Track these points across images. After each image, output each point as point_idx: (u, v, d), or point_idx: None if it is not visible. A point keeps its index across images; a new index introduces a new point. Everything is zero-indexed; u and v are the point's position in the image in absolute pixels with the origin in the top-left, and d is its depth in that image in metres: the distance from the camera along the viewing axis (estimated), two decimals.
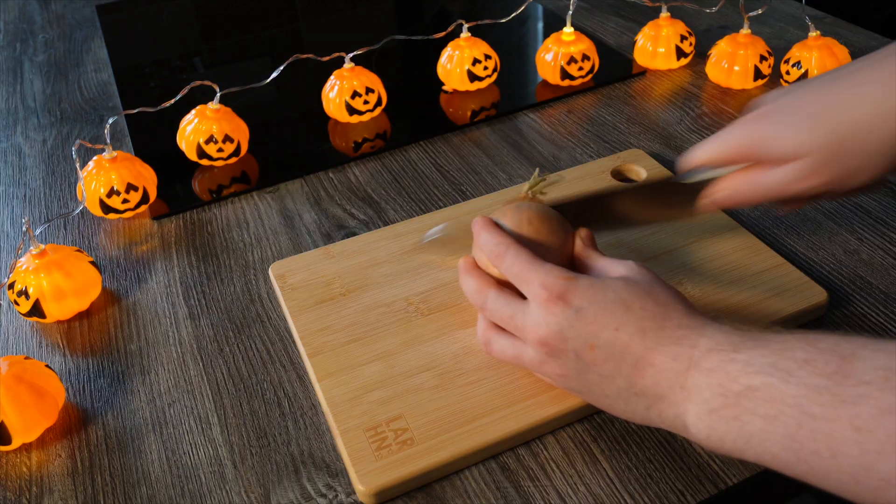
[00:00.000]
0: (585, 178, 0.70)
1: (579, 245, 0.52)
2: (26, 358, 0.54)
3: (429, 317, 0.58)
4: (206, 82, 0.77)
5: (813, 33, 0.81)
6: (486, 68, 0.87)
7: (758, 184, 0.51)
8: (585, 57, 0.86)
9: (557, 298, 0.46)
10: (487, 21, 0.88)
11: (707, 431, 0.41)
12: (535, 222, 0.51)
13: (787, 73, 0.83)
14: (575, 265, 0.52)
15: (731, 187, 0.53)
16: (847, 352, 0.38)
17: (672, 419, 0.43)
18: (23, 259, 0.62)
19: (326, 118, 0.86)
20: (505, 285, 0.50)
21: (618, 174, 0.71)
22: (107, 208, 0.71)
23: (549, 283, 0.46)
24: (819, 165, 0.48)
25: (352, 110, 0.83)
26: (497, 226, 0.52)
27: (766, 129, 0.50)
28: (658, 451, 0.50)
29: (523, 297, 0.48)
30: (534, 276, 0.47)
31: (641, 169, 0.71)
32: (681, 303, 0.46)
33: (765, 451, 0.39)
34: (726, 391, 0.41)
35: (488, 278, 0.51)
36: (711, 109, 0.83)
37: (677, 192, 0.56)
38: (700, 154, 0.54)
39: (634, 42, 0.91)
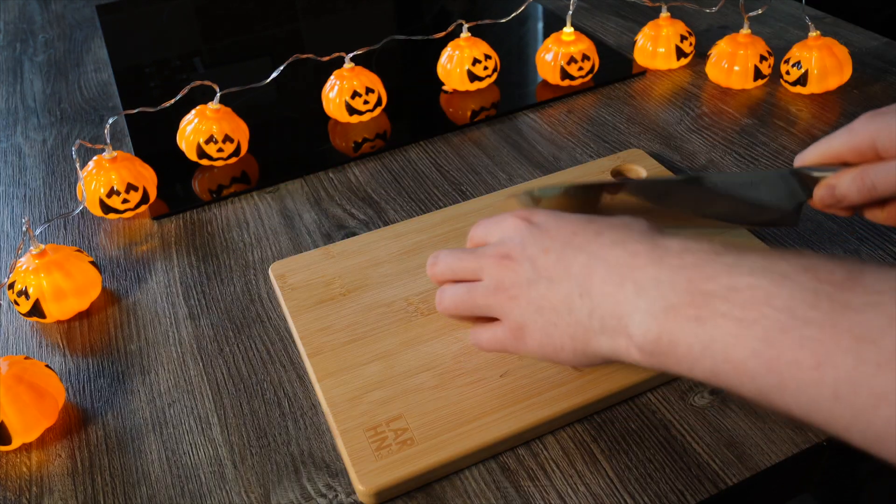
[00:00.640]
0: (585, 177, 0.70)
1: None
2: (26, 358, 0.54)
3: (429, 317, 0.58)
4: (206, 82, 0.77)
5: (813, 33, 0.81)
6: (486, 68, 0.87)
7: (885, 174, 0.47)
8: (585, 57, 0.86)
9: (522, 218, 0.47)
10: (487, 21, 0.88)
11: (657, 332, 0.38)
12: None
13: (787, 73, 0.83)
14: None
15: (858, 177, 0.48)
16: (855, 267, 0.35)
17: (614, 325, 0.40)
18: (23, 259, 0.62)
19: (326, 118, 0.86)
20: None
21: (618, 174, 0.71)
22: (107, 208, 0.71)
23: (517, 212, 0.48)
24: None
25: (352, 110, 0.83)
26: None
27: (891, 117, 0.47)
28: (658, 451, 0.50)
29: None
30: (503, 215, 0.49)
31: (641, 169, 0.71)
32: (650, 223, 0.44)
33: (726, 359, 0.36)
34: (694, 289, 0.37)
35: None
36: (711, 109, 0.83)
37: (771, 186, 0.52)
38: (818, 150, 0.50)
39: (634, 42, 0.91)
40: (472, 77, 0.87)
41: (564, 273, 0.43)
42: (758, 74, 0.83)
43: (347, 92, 0.82)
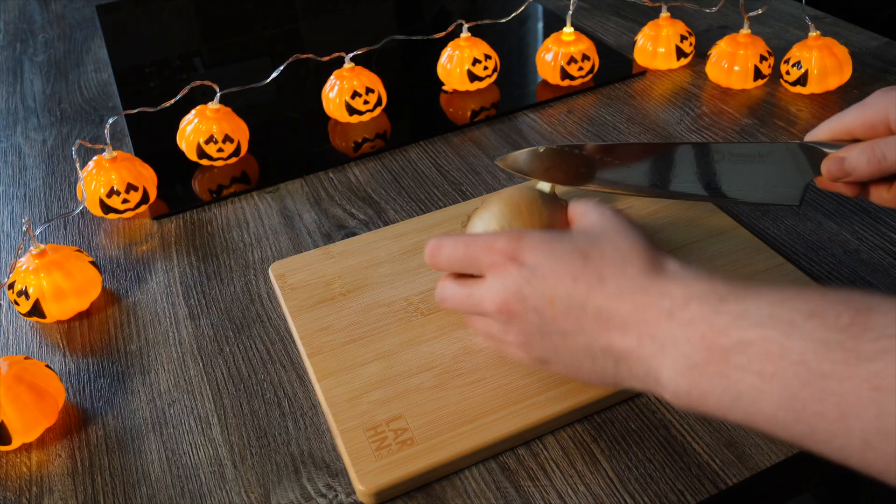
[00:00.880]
0: None
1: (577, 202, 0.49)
2: (26, 358, 0.54)
3: (429, 317, 0.58)
4: (206, 82, 0.77)
5: (813, 33, 0.81)
6: (486, 68, 0.87)
7: (895, 146, 0.46)
8: (585, 57, 0.86)
9: (511, 259, 0.44)
10: (487, 21, 0.88)
11: (687, 388, 0.38)
12: (507, 215, 0.50)
13: (787, 73, 0.83)
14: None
15: (868, 149, 0.47)
16: (862, 305, 0.34)
17: (643, 375, 0.40)
18: (23, 259, 0.62)
19: (326, 118, 0.86)
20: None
21: None
22: (107, 208, 0.71)
23: (497, 248, 0.44)
24: None
25: (352, 110, 0.83)
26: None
27: None
28: (658, 451, 0.50)
29: None
30: (479, 248, 0.45)
31: None
32: (647, 247, 0.42)
33: (757, 412, 0.36)
34: (711, 344, 0.37)
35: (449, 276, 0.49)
36: (711, 109, 0.83)
37: (780, 159, 0.51)
38: (835, 122, 0.49)
39: (634, 42, 0.91)
40: (472, 77, 0.87)
41: (577, 326, 0.42)
42: (758, 74, 0.83)
43: (347, 92, 0.82)
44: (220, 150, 0.78)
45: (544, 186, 0.55)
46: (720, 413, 0.38)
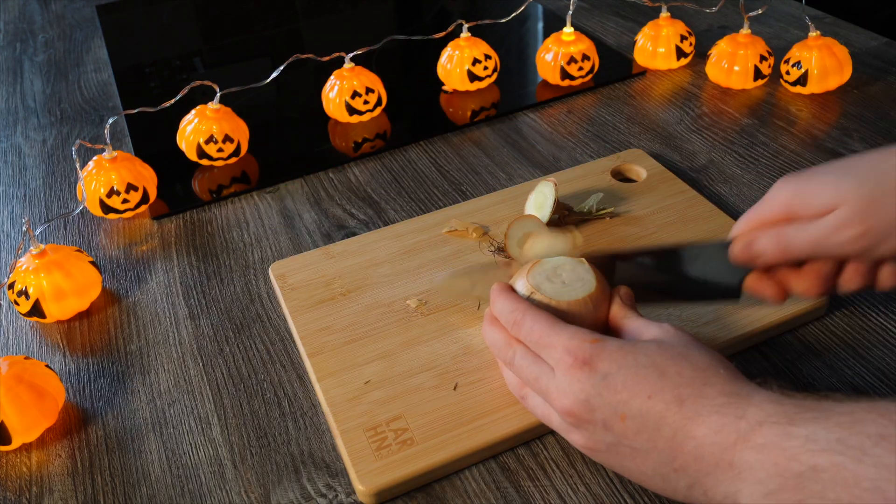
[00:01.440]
0: (586, 177, 0.70)
1: (617, 305, 0.48)
2: (26, 358, 0.54)
3: (429, 317, 0.58)
4: (206, 82, 0.77)
5: (813, 33, 0.81)
6: (486, 68, 0.87)
7: (799, 232, 0.48)
8: (585, 57, 0.86)
9: (583, 364, 0.42)
10: (487, 21, 0.88)
11: None
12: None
13: (787, 73, 0.83)
14: (610, 329, 0.48)
15: (774, 235, 0.49)
16: None
17: (721, 499, 0.39)
18: (23, 259, 0.62)
19: (326, 118, 0.86)
20: None
21: (618, 174, 0.71)
22: (107, 208, 0.71)
23: (572, 348, 0.43)
24: (855, 214, 0.46)
25: (352, 110, 0.83)
26: (513, 291, 0.49)
27: (803, 182, 0.48)
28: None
29: None
30: (555, 341, 0.44)
31: (641, 169, 0.71)
32: (722, 366, 0.42)
33: None
34: (784, 471, 0.36)
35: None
36: (711, 109, 0.83)
37: (705, 259, 0.52)
38: (746, 220, 0.51)
39: (634, 42, 0.91)
40: (472, 77, 0.87)
41: (650, 445, 0.41)
42: (758, 74, 0.83)
43: (347, 92, 0.82)
44: (220, 150, 0.78)
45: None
46: None
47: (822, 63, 0.80)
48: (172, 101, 0.76)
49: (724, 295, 0.53)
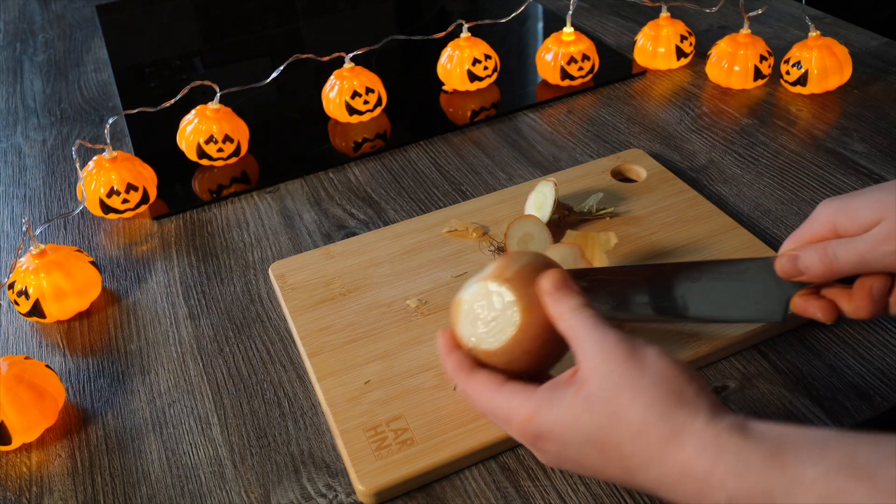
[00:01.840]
0: (586, 177, 0.70)
1: (551, 307, 0.43)
2: (26, 358, 0.54)
3: (429, 317, 0.58)
4: (206, 82, 0.77)
5: (813, 33, 0.81)
6: (486, 68, 0.87)
7: (845, 246, 0.47)
8: (585, 57, 0.86)
9: (532, 443, 0.42)
10: (487, 21, 0.88)
11: None
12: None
13: (787, 73, 0.83)
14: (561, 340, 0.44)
15: (820, 248, 0.48)
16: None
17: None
18: (23, 259, 0.62)
19: (326, 118, 0.86)
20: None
21: (618, 174, 0.71)
22: (107, 208, 0.71)
23: (516, 432, 0.43)
24: None
25: (352, 110, 0.83)
26: (454, 350, 0.46)
27: (847, 200, 0.48)
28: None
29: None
30: (502, 424, 0.44)
31: (641, 169, 0.71)
32: (657, 416, 0.38)
33: None
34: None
35: (468, 361, 0.45)
36: (711, 109, 0.83)
37: (748, 275, 0.51)
38: (790, 242, 0.51)
39: (634, 42, 0.91)
40: (472, 77, 0.87)
41: (628, 478, 0.40)
42: (758, 74, 0.83)
43: (347, 92, 0.82)
44: (220, 150, 0.78)
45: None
46: None
47: (822, 63, 0.80)
48: (172, 101, 0.76)
49: (767, 315, 0.51)
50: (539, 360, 0.44)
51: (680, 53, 0.88)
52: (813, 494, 0.34)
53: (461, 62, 0.86)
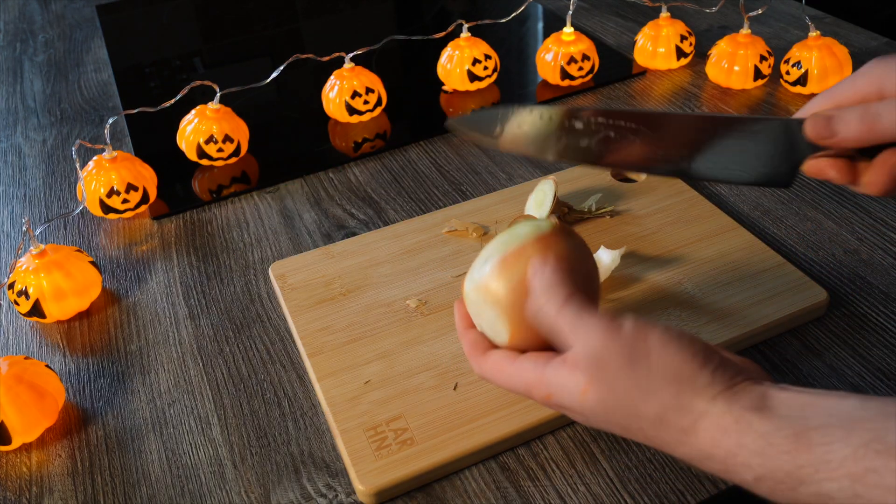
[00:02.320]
0: (585, 177, 0.70)
1: (536, 306, 0.43)
2: (26, 358, 0.54)
3: (429, 317, 0.58)
4: (206, 82, 0.77)
5: (813, 33, 0.81)
6: (486, 68, 0.87)
7: (892, 108, 0.42)
8: (585, 57, 0.86)
9: (545, 402, 0.42)
10: (487, 21, 0.88)
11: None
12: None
13: (787, 73, 0.83)
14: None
15: (861, 109, 0.43)
16: None
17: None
18: (23, 259, 0.62)
19: (326, 118, 0.86)
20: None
21: (618, 174, 0.71)
22: (107, 208, 0.71)
23: (540, 401, 0.43)
24: None
25: (352, 110, 0.83)
26: (469, 320, 0.47)
27: None
28: (658, 450, 0.50)
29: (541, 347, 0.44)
30: (515, 385, 0.43)
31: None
32: (673, 415, 0.38)
33: None
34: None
35: (482, 342, 0.46)
36: (711, 109, 0.83)
37: (766, 135, 0.47)
38: (825, 97, 0.45)
39: (634, 42, 0.91)
40: (472, 77, 0.87)
41: (658, 441, 0.40)
42: (758, 74, 0.83)
43: (347, 92, 0.82)
44: (220, 150, 0.78)
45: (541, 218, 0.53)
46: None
47: (822, 63, 0.80)
48: (172, 101, 0.76)
49: (773, 179, 0.48)
50: (547, 345, 0.44)
51: (680, 53, 0.88)
52: (842, 473, 0.33)
53: (461, 62, 0.86)
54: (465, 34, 0.86)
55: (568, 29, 0.87)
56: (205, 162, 0.79)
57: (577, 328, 0.41)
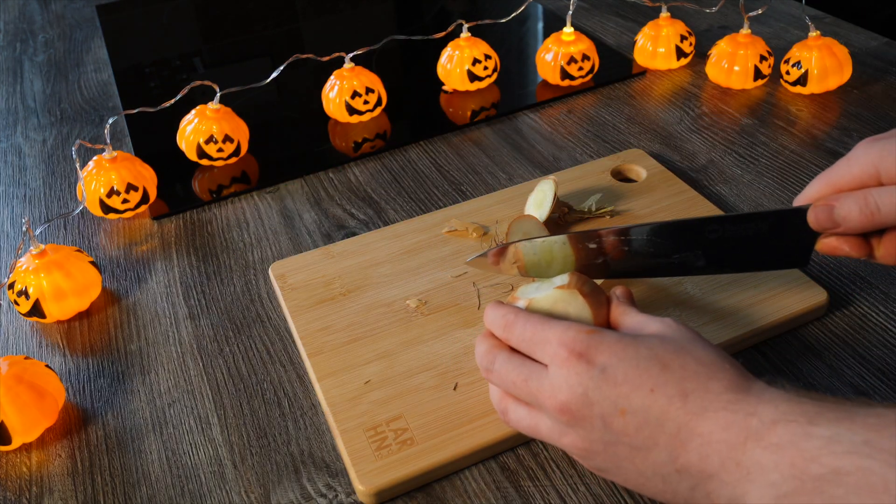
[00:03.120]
0: (586, 177, 0.70)
1: (615, 303, 0.46)
2: (26, 358, 0.54)
3: (429, 317, 0.58)
4: (206, 82, 0.77)
5: (813, 33, 0.81)
6: (486, 68, 0.87)
7: (891, 194, 0.42)
8: (585, 57, 0.86)
9: (579, 356, 0.40)
10: (487, 21, 0.88)
11: None
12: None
13: (787, 73, 0.83)
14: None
15: (860, 197, 0.43)
16: None
17: (726, 502, 0.37)
18: (23, 259, 0.62)
19: (326, 118, 0.86)
20: None
21: (618, 174, 0.71)
22: (107, 208, 0.71)
23: (567, 340, 0.41)
24: None
25: (352, 110, 0.83)
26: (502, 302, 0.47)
27: (891, 145, 0.43)
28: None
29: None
30: (549, 335, 0.42)
31: (642, 169, 0.71)
32: (728, 363, 0.39)
33: None
34: (802, 473, 0.34)
35: (502, 343, 0.45)
36: (711, 109, 0.83)
37: (772, 228, 0.48)
38: (822, 183, 0.45)
39: (634, 42, 0.91)
40: (472, 77, 0.87)
41: (651, 442, 0.38)
42: (758, 74, 0.83)
43: (347, 92, 0.82)
44: (220, 150, 0.78)
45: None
46: None
47: (822, 63, 0.80)
48: (172, 101, 0.76)
49: (790, 262, 0.50)
50: None
51: (680, 53, 0.88)
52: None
53: (461, 62, 0.86)
54: (465, 34, 0.86)
55: (568, 29, 0.87)
56: (205, 162, 0.79)
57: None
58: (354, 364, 0.55)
